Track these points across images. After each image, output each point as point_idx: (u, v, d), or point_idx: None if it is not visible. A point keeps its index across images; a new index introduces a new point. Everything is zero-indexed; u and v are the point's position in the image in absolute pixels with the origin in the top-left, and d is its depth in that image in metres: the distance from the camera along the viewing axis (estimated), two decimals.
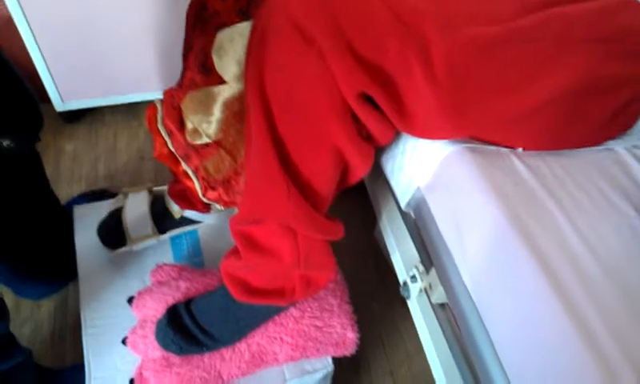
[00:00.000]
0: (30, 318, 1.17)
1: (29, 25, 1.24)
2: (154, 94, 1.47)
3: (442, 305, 0.78)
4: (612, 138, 0.72)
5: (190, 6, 0.75)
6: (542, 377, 0.54)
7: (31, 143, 0.89)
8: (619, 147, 0.70)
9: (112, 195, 1.24)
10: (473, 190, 0.63)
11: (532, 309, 0.55)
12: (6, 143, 0.80)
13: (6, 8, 1.21)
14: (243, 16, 0.68)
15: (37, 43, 1.28)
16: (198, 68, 0.71)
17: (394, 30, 0.56)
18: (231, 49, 0.68)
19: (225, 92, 0.70)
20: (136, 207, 1.01)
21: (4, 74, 0.79)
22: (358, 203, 1.34)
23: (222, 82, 0.70)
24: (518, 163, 0.66)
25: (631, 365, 0.49)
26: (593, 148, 0.70)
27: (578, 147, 0.70)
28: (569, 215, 0.60)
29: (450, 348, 0.75)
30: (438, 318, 0.77)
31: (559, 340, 0.52)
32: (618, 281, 0.55)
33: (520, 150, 0.68)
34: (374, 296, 1.28)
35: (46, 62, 1.32)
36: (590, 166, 0.68)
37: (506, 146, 0.68)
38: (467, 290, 0.64)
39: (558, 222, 0.60)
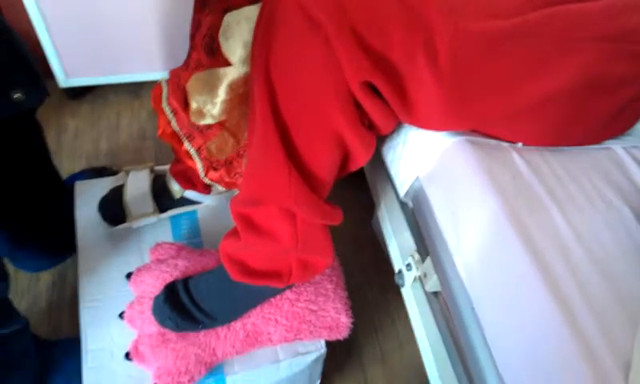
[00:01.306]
0: (28, 290, 1.18)
1: (38, 7, 1.24)
2: (157, 74, 1.47)
3: (436, 293, 0.79)
4: (611, 137, 0.73)
5: None
6: (530, 367, 0.55)
7: (41, 96, 0.89)
8: (617, 147, 0.71)
9: (113, 173, 1.25)
10: (471, 182, 0.64)
11: (523, 300, 0.56)
12: (16, 95, 0.80)
13: None
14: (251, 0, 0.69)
15: (43, 18, 1.28)
16: (204, 49, 0.72)
17: (399, 19, 0.56)
18: (238, 31, 0.68)
19: (230, 74, 0.71)
20: (137, 185, 1.02)
21: (7, 31, 0.80)
22: (357, 192, 1.35)
23: (228, 64, 0.71)
24: (518, 158, 0.67)
25: (619, 359, 0.50)
26: (592, 147, 0.71)
27: (577, 145, 0.71)
28: (564, 211, 0.62)
29: (442, 336, 0.76)
30: (431, 306, 0.79)
31: (548, 332, 0.53)
32: (610, 277, 0.56)
33: (520, 145, 0.69)
34: (370, 284, 1.29)
35: (51, 38, 1.32)
36: (587, 164, 0.69)
37: (507, 141, 0.69)
38: (461, 280, 0.65)
39: (554, 217, 0.61)
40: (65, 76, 1.41)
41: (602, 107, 0.67)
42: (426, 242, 0.75)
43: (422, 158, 0.71)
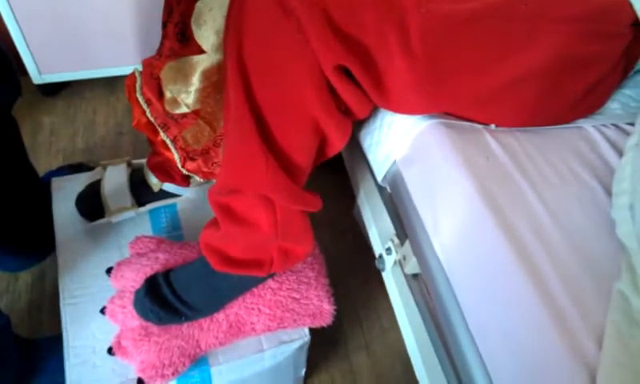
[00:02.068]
0: (7, 290, 1.17)
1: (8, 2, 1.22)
2: (132, 68, 1.45)
3: (415, 275, 0.80)
4: (582, 116, 0.74)
5: None
6: (507, 342, 0.56)
7: (15, 92, 0.87)
8: (588, 126, 0.73)
9: (90, 169, 1.23)
10: (446, 164, 0.65)
11: (499, 278, 0.58)
12: None
13: None
14: None
15: (14, 14, 1.25)
16: (177, 37, 0.71)
17: (371, 2, 0.57)
18: (210, 18, 0.68)
19: (204, 62, 0.70)
20: (115, 179, 1.01)
21: None
22: (338, 180, 1.36)
23: (201, 51, 0.71)
24: (491, 139, 0.68)
25: (592, 330, 0.52)
26: (563, 126, 0.72)
27: (549, 125, 0.72)
28: (537, 189, 0.63)
29: (422, 317, 0.77)
30: (411, 288, 0.80)
31: (524, 307, 0.54)
32: (582, 251, 0.58)
33: (493, 126, 0.70)
34: (352, 272, 1.30)
35: (23, 34, 1.30)
36: (559, 143, 0.70)
37: (480, 123, 0.70)
38: (439, 261, 0.66)
39: (527, 195, 0.62)
40: (38, 72, 1.39)
41: (573, 87, 0.68)
42: (404, 226, 0.76)
43: (398, 142, 0.72)
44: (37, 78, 1.40)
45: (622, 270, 0.56)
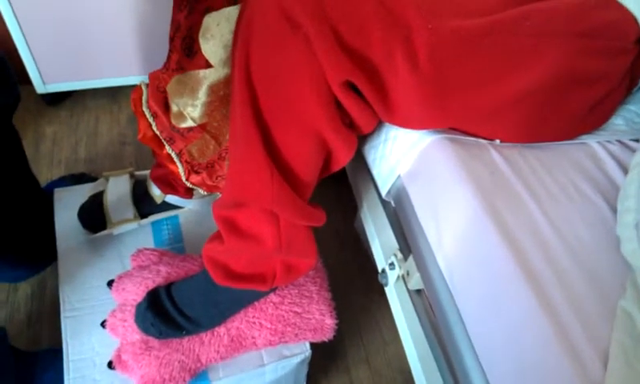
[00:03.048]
0: (6, 301, 1.16)
1: (11, 5, 1.22)
2: (136, 78, 1.46)
3: (419, 291, 0.80)
4: (586, 132, 0.74)
5: None
6: (512, 360, 0.56)
7: (14, 94, 0.86)
8: (592, 142, 0.73)
9: (92, 179, 1.23)
10: (451, 179, 0.65)
11: (503, 294, 0.57)
12: None
13: None
14: (231, 0, 0.69)
15: (19, 24, 1.26)
16: (184, 51, 0.72)
17: (378, 19, 0.57)
18: (218, 33, 0.68)
19: (211, 76, 0.71)
20: (117, 191, 1.01)
21: None
22: (339, 194, 1.36)
23: (208, 65, 0.71)
24: (496, 154, 0.68)
25: (597, 348, 0.51)
26: (567, 142, 0.72)
27: (553, 141, 0.72)
28: (542, 205, 0.63)
29: (425, 333, 0.77)
30: (414, 304, 0.79)
31: (528, 324, 0.54)
32: (586, 267, 0.58)
33: (498, 141, 0.70)
34: (353, 285, 1.30)
35: (27, 44, 1.30)
36: (564, 159, 0.70)
37: (485, 138, 0.70)
38: (442, 276, 0.66)
39: (532, 211, 0.62)
40: (42, 82, 1.40)
41: (577, 102, 0.68)
42: (408, 241, 0.76)
43: (403, 156, 0.72)
44: (40, 87, 1.41)
45: (626, 288, 0.56)
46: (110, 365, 0.86)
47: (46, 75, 1.39)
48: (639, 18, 0.65)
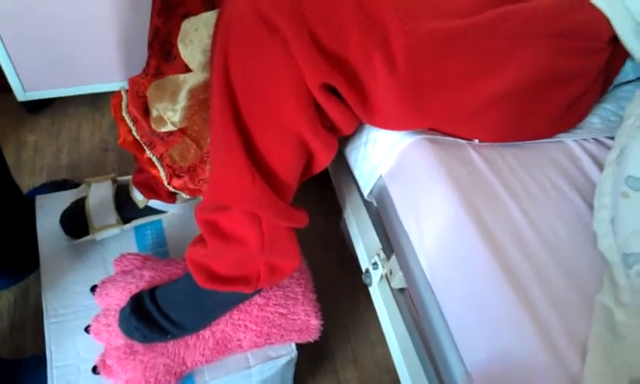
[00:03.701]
0: None
1: None
2: (117, 84, 1.46)
3: (402, 290, 0.81)
4: (563, 131, 0.75)
5: None
6: (493, 354, 0.57)
7: None
8: (569, 140, 0.74)
9: (74, 185, 1.22)
10: (431, 179, 0.66)
11: (484, 291, 0.58)
12: None
13: None
14: (209, 5, 0.69)
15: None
16: (163, 56, 0.72)
17: (355, 21, 0.57)
18: (197, 38, 0.68)
19: (190, 80, 0.71)
20: (100, 196, 1.01)
21: None
22: (323, 196, 1.36)
23: (187, 70, 0.71)
24: (474, 154, 0.69)
25: (574, 343, 0.52)
26: (545, 141, 0.74)
27: (531, 140, 0.73)
28: (520, 203, 0.64)
29: (409, 330, 0.77)
30: (397, 302, 0.80)
31: (508, 318, 0.55)
32: (564, 264, 0.59)
33: (476, 141, 0.71)
34: (339, 286, 1.30)
35: (7, 51, 1.29)
36: (541, 157, 0.71)
37: (463, 138, 0.71)
38: (425, 275, 0.67)
39: (510, 209, 0.63)
40: (22, 89, 1.38)
41: (554, 102, 0.70)
42: (390, 240, 0.76)
43: (384, 157, 0.73)
44: (21, 95, 1.39)
45: (604, 283, 0.57)
46: (95, 370, 0.85)
47: (26, 82, 1.37)
48: (612, 19, 0.66)
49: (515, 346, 0.54)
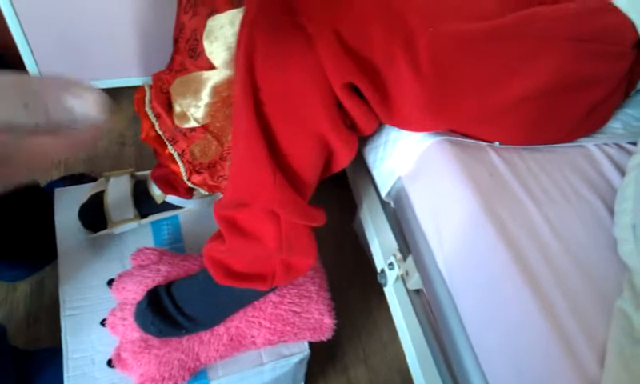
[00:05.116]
0: (5, 300, 1.16)
1: (12, 6, 1.23)
2: (135, 80, 1.47)
3: (417, 291, 0.81)
4: (584, 135, 0.75)
5: None
6: (511, 360, 0.56)
7: None
8: (590, 144, 0.74)
9: (91, 179, 1.24)
10: (451, 180, 0.66)
11: (503, 295, 0.58)
12: None
13: None
14: (235, 3, 0.69)
15: (20, 25, 1.27)
16: (188, 52, 0.72)
17: (380, 22, 0.58)
18: (221, 35, 0.69)
19: (214, 77, 0.71)
20: (118, 191, 1.01)
21: None
22: (338, 195, 1.36)
23: (211, 67, 0.71)
24: (495, 157, 0.69)
25: (593, 348, 0.52)
26: (566, 144, 0.73)
27: (552, 143, 0.73)
28: (540, 207, 0.64)
29: (424, 332, 0.77)
30: (413, 304, 0.80)
31: (527, 325, 0.55)
32: (584, 268, 0.58)
33: (497, 143, 0.71)
34: (352, 285, 1.30)
35: (29, 45, 1.31)
36: (562, 161, 0.71)
37: (484, 140, 0.71)
38: (442, 277, 0.67)
39: (530, 212, 0.63)
40: None
41: (576, 106, 0.69)
42: (407, 241, 0.76)
43: (403, 158, 0.73)
44: None
45: (623, 288, 0.57)
46: (110, 363, 0.86)
47: None
48: (637, 23, 0.66)
49: (534, 350, 0.54)
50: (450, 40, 0.59)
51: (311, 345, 0.94)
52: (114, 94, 1.57)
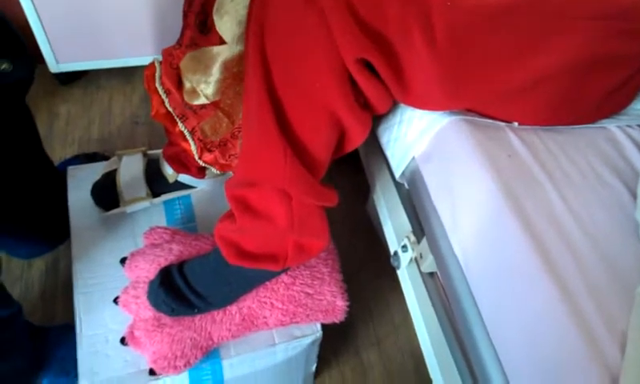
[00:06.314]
0: (21, 277, 1.18)
1: None
2: (149, 58, 1.45)
3: (431, 274, 0.79)
4: (606, 117, 0.73)
5: None
6: (528, 344, 0.55)
7: (29, 68, 0.87)
8: (612, 126, 0.71)
9: (104, 158, 1.24)
10: (467, 161, 0.64)
11: (519, 278, 0.57)
12: (3, 66, 0.79)
13: None
14: None
15: (33, 3, 1.26)
16: (198, 27, 0.71)
17: None
18: (232, 9, 0.67)
19: (224, 53, 0.70)
20: (130, 169, 1.01)
21: None
22: (351, 177, 1.35)
23: (222, 42, 0.70)
24: (513, 137, 0.67)
25: (614, 335, 0.51)
26: (587, 126, 0.71)
27: (572, 124, 0.71)
28: (559, 189, 0.62)
29: (438, 316, 0.76)
30: (426, 287, 0.79)
31: (545, 309, 0.53)
32: (604, 253, 0.57)
33: (515, 124, 0.69)
34: (364, 268, 1.30)
35: (41, 22, 1.30)
36: (582, 142, 0.69)
37: (502, 120, 0.69)
38: (457, 260, 0.65)
39: (549, 194, 0.61)
40: (55, 61, 1.40)
41: (597, 86, 0.67)
42: (421, 223, 0.75)
43: (418, 138, 0.71)
44: (54, 66, 1.41)
45: None
46: (123, 341, 0.87)
47: (59, 54, 1.39)
48: None
49: (552, 337, 0.52)
50: (468, 14, 0.57)
51: (323, 327, 0.94)
52: (128, 73, 1.57)
